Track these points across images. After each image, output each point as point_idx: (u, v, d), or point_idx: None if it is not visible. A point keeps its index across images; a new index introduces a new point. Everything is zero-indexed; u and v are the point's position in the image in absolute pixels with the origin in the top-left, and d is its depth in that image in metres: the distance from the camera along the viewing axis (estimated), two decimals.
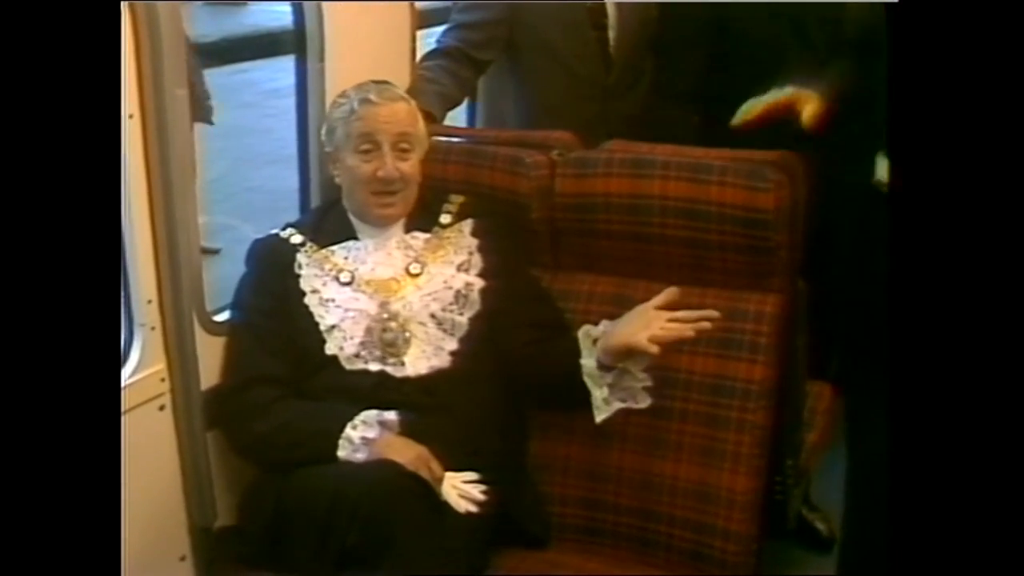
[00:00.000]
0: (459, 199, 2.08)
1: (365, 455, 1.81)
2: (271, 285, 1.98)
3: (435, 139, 2.13)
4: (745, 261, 1.97)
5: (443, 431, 1.85)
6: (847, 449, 2.04)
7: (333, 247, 2.00)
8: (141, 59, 1.72)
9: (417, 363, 1.92)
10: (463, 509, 1.79)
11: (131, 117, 1.72)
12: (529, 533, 1.95)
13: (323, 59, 2.17)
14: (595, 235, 2.08)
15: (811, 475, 2.39)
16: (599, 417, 1.87)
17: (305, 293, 1.96)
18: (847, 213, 1.98)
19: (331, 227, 2.03)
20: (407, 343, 1.92)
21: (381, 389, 1.89)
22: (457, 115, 2.61)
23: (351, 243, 2.01)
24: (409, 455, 1.78)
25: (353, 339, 1.92)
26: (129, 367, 1.80)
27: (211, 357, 1.94)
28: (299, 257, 1.99)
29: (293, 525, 1.76)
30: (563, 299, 2.09)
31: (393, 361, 1.91)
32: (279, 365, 1.93)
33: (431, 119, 2.11)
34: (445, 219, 2.05)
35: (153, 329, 1.83)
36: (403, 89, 2.11)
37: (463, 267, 2.00)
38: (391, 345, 1.92)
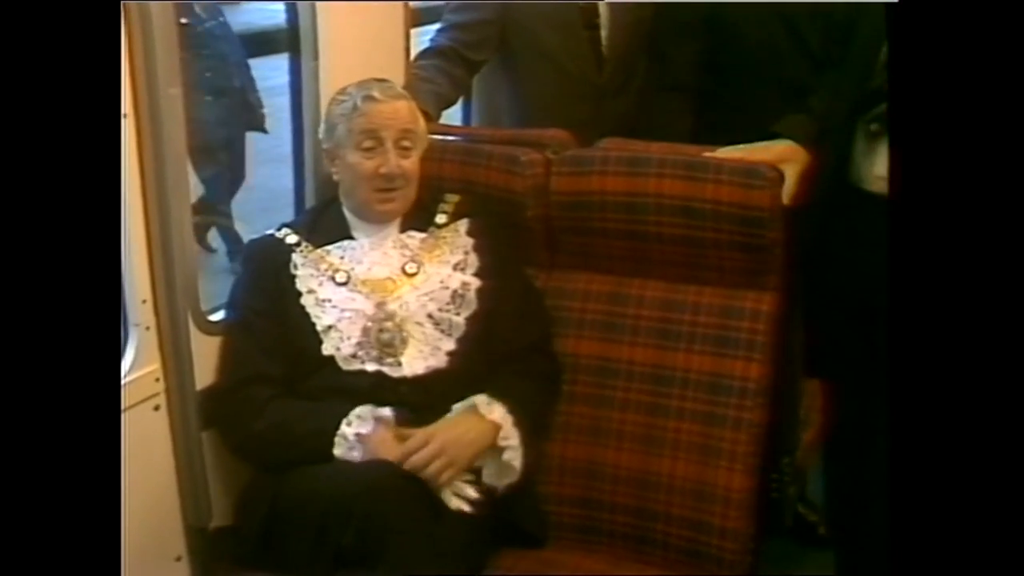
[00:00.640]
0: (455, 198, 2.08)
1: (361, 453, 1.80)
2: (266, 285, 1.97)
3: (430, 138, 2.12)
4: (741, 259, 1.97)
5: None
6: (844, 447, 2.04)
7: (328, 247, 2.00)
8: (134, 58, 1.72)
9: (414, 363, 1.91)
10: (455, 507, 1.79)
11: (125, 116, 1.72)
12: (526, 532, 1.94)
13: (317, 57, 2.16)
14: (591, 233, 2.08)
15: (807, 473, 2.39)
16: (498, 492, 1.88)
17: (301, 293, 1.95)
18: (847, 212, 1.98)
19: (327, 227, 2.02)
20: (404, 343, 1.92)
21: (378, 389, 1.88)
22: (452, 114, 2.60)
23: (347, 243, 2.00)
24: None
25: (350, 339, 1.91)
26: (124, 367, 1.79)
27: (206, 357, 1.93)
28: (294, 257, 1.98)
29: (289, 525, 1.76)
30: (559, 297, 2.09)
31: (390, 361, 1.91)
32: (275, 365, 1.93)
33: (427, 118, 2.11)
34: (441, 218, 2.05)
35: (148, 329, 1.82)
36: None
37: (459, 266, 2.00)
38: (388, 345, 1.91)
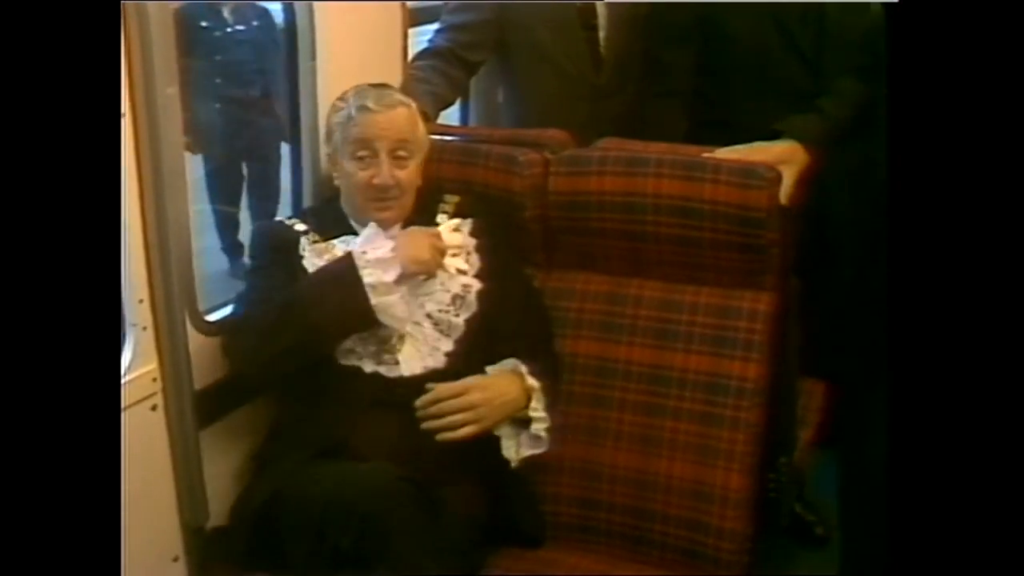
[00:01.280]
0: (454, 199, 2.07)
1: (388, 271, 1.84)
2: (280, 259, 1.95)
3: (430, 138, 2.12)
4: (738, 259, 1.97)
5: None
6: (843, 447, 2.04)
7: (334, 240, 1.98)
8: (132, 58, 1.72)
9: (412, 363, 1.91)
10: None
11: (122, 116, 1.72)
12: (524, 532, 1.94)
13: (314, 57, 2.16)
14: (588, 233, 2.08)
15: (805, 472, 2.39)
16: (513, 463, 1.89)
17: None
18: (846, 211, 1.98)
19: (330, 222, 2.01)
20: (402, 340, 1.92)
21: (375, 390, 1.88)
22: (450, 115, 2.60)
23: (350, 237, 1.99)
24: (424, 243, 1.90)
25: None
26: (121, 367, 1.79)
27: (204, 357, 1.92)
28: (303, 241, 1.97)
29: (287, 526, 1.75)
30: (557, 297, 2.09)
31: (387, 359, 1.91)
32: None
33: (425, 118, 2.10)
34: (441, 219, 2.04)
35: (145, 329, 1.82)
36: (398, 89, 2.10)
37: (461, 269, 1.99)
38: (385, 342, 1.91)
